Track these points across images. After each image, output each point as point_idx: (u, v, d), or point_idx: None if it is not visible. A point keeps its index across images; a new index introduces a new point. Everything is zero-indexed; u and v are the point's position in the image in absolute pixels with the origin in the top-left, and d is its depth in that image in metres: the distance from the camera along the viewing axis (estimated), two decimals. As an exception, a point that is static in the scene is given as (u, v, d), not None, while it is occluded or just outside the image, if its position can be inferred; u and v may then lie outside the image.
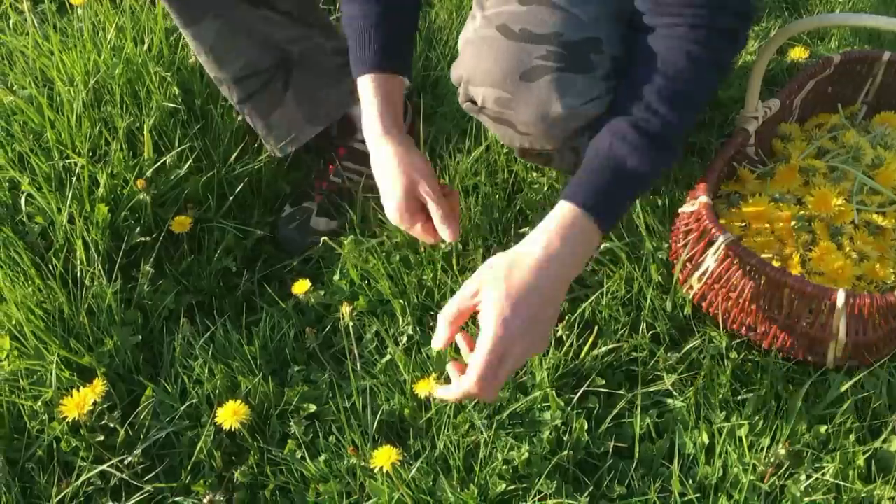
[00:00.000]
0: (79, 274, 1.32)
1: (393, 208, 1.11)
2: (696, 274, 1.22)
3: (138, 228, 1.38)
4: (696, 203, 1.20)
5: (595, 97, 1.04)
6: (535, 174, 1.48)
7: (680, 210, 1.28)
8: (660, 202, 1.39)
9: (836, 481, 1.08)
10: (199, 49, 1.35)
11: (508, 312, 0.92)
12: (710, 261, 1.19)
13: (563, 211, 0.97)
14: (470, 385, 0.92)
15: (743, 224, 1.26)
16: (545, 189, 1.44)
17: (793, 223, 1.23)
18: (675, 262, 1.28)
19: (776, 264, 1.18)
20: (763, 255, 1.19)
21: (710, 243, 1.18)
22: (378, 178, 1.13)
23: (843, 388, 1.14)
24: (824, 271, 1.18)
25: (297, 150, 1.48)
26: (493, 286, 0.94)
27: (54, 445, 1.17)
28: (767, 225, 1.24)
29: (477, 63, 1.07)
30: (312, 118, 1.44)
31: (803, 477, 1.09)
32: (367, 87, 1.14)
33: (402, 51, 1.17)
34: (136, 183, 1.38)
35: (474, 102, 1.12)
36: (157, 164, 1.43)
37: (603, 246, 1.33)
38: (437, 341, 0.98)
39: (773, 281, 1.12)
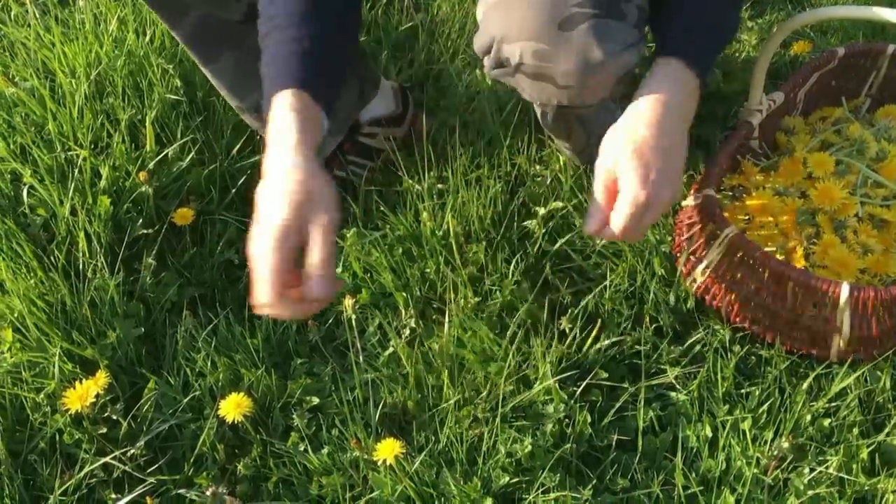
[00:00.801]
0: (81, 266, 1.31)
1: (269, 230, 0.89)
2: (700, 267, 1.21)
3: (140, 221, 1.37)
4: (700, 196, 1.20)
5: (631, 44, 1.04)
6: (537, 167, 1.47)
7: (683, 203, 1.28)
8: (663, 195, 1.39)
9: (840, 474, 1.08)
10: (220, 84, 1.33)
11: (643, 170, 0.95)
12: (713, 254, 1.19)
13: (669, 66, 1.00)
14: (615, 233, 0.96)
15: (746, 217, 1.26)
16: (548, 182, 1.44)
17: (796, 216, 1.23)
18: (678, 255, 1.27)
19: (780, 257, 1.17)
20: (766, 249, 1.19)
21: (714, 236, 1.18)
22: (265, 191, 0.92)
23: (847, 382, 1.14)
24: (828, 264, 1.18)
25: None
26: (623, 152, 0.95)
27: (57, 437, 1.17)
28: (771, 218, 1.24)
29: (511, 19, 1.04)
30: (333, 130, 1.43)
31: (807, 470, 1.08)
32: (288, 101, 0.97)
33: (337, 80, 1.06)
34: (139, 175, 1.38)
35: (505, 65, 1.09)
36: (159, 157, 1.43)
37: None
38: (592, 224, 0.98)
39: (776, 274, 1.12)
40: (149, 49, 1.56)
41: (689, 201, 1.25)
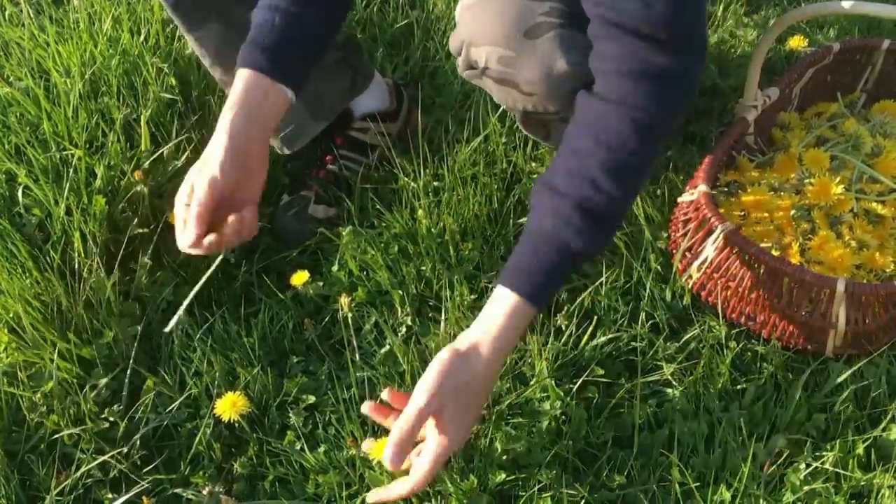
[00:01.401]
0: (76, 266, 1.31)
1: (208, 175, 1.02)
2: (696, 263, 1.22)
3: (136, 220, 1.37)
4: (695, 192, 1.20)
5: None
6: (533, 164, 1.47)
7: (679, 199, 1.28)
8: (659, 192, 1.39)
9: (836, 470, 1.08)
10: (203, 53, 1.33)
11: (466, 429, 0.97)
12: (709, 250, 1.19)
13: (508, 301, 0.96)
14: (415, 487, 0.94)
15: (742, 213, 1.26)
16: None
17: (792, 212, 1.23)
18: (674, 251, 1.27)
19: (775, 253, 1.17)
20: (762, 244, 1.19)
21: (710, 232, 1.18)
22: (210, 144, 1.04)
23: (843, 377, 1.14)
24: (823, 260, 1.18)
25: None
26: (455, 408, 0.94)
27: (54, 437, 1.16)
28: (766, 214, 1.24)
29: (479, 23, 1.05)
30: (317, 114, 1.43)
31: (803, 466, 1.09)
32: (249, 80, 1.05)
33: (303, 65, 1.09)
34: (134, 174, 1.37)
35: (474, 67, 1.10)
36: (154, 156, 1.42)
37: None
38: (393, 460, 0.92)
39: (772, 270, 1.12)
40: (143, 48, 1.56)
41: (685, 197, 1.25)
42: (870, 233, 1.21)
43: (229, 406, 1.13)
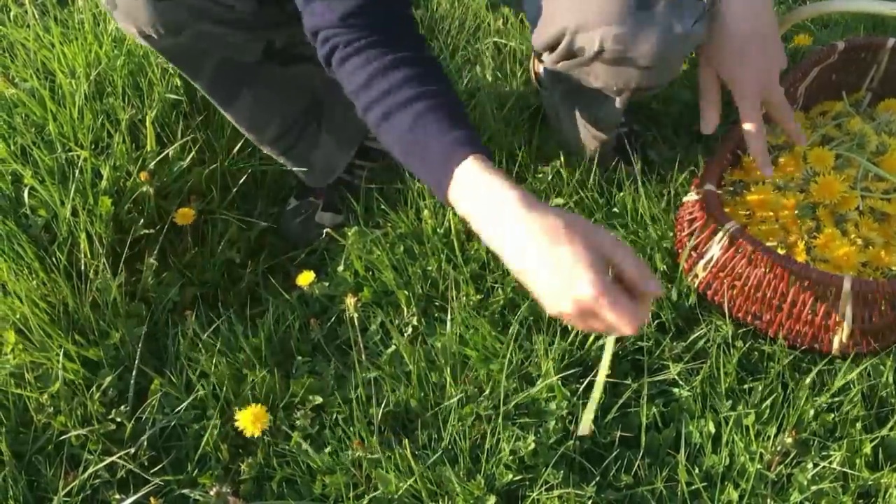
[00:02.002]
0: (83, 267, 1.31)
1: (588, 279, 0.81)
2: (701, 263, 1.21)
3: (142, 221, 1.37)
4: (701, 192, 1.20)
5: (700, 16, 1.05)
6: (539, 164, 1.47)
7: (684, 199, 1.28)
8: (664, 191, 1.39)
9: (843, 469, 1.08)
10: (239, 123, 1.34)
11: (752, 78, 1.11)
12: (714, 249, 1.19)
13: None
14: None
15: (747, 212, 1.26)
16: (549, 178, 1.43)
17: (797, 210, 1.23)
18: (679, 251, 1.27)
19: (781, 252, 1.17)
20: (768, 243, 1.19)
21: (715, 232, 1.17)
22: (538, 259, 0.83)
23: (850, 377, 1.14)
24: (829, 258, 1.18)
25: None
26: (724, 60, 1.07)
27: (61, 438, 1.17)
28: (771, 213, 1.24)
29: (586, 7, 1.02)
30: (345, 144, 1.44)
31: (810, 465, 1.08)
32: (475, 167, 0.89)
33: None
34: (139, 175, 1.38)
35: (577, 55, 1.06)
36: (159, 157, 1.42)
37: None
38: (709, 125, 1.13)
39: (778, 268, 1.12)
40: (148, 49, 1.55)
41: (691, 197, 1.25)
42: (875, 230, 1.21)
43: (251, 420, 1.13)
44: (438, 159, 0.90)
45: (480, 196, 0.87)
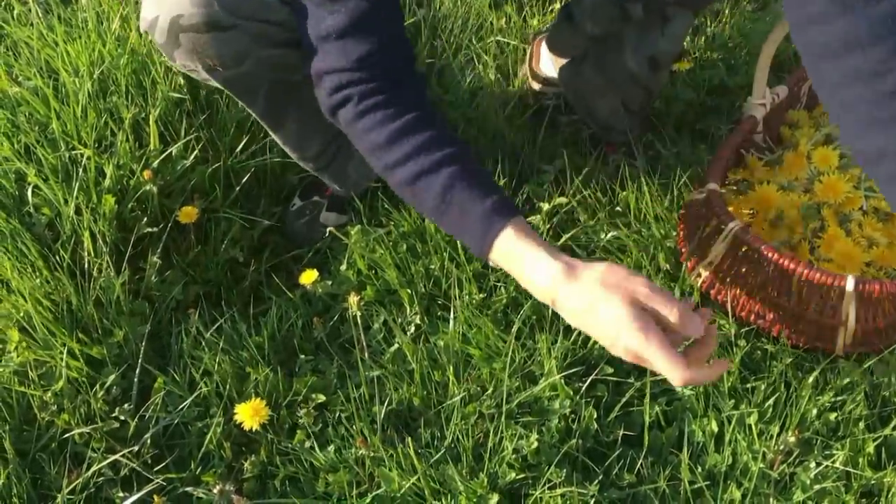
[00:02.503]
0: (86, 265, 1.31)
1: (630, 334, 0.86)
2: (705, 262, 1.21)
3: (145, 219, 1.37)
4: (705, 191, 1.20)
5: None
6: (542, 163, 1.47)
7: (688, 198, 1.28)
8: (667, 190, 1.39)
9: (846, 468, 1.08)
10: (285, 143, 1.34)
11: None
12: (718, 248, 1.19)
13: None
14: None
15: (751, 211, 1.26)
16: (552, 177, 1.44)
17: (801, 210, 1.23)
18: (683, 250, 1.27)
19: (785, 251, 1.17)
20: (772, 243, 1.19)
21: (718, 231, 1.17)
22: (587, 317, 0.90)
23: (853, 376, 1.14)
24: (833, 258, 1.17)
25: None
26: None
27: (65, 436, 1.17)
28: (776, 212, 1.24)
29: None
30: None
31: (813, 464, 1.08)
32: (512, 238, 0.94)
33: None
34: (143, 174, 1.38)
35: None
36: (163, 155, 1.43)
37: (611, 234, 1.33)
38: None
39: (782, 268, 1.12)
40: (152, 47, 1.56)
41: (695, 196, 1.25)
42: (879, 230, 1.21)
43: (250, 414, 1.13)
44: (477, 228, 0.95)
45: (522, 267, 0.94)
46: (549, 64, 1.57)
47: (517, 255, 0.94)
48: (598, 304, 0.88)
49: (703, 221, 1.21)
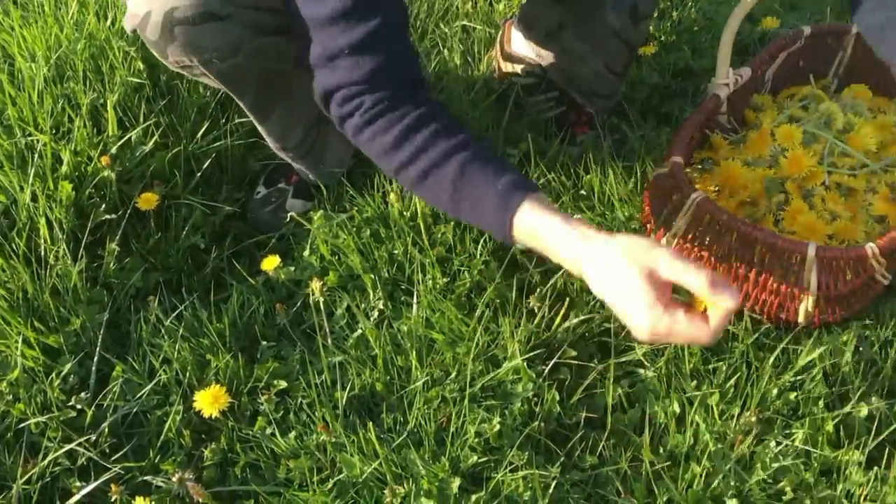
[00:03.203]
0: (43, 253, 1.29)
1: (644, 313, 0.86)
2: (668, 234, 1.20)
3: (103, 206, 1.35)
4: (668, 164, 1.19)
5: None
6: (507, 147, 1.46)
7: (653, 174, 1.27)
8: (632, 172, 1.38)
9: (806, 447, 1.08)
10: (269, 133, 1.33)
11: None
12: (681, 220, 1.17)
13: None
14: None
15: (716, 188, 1.25)
16: (516, 161, 1.43)
17: (765, 184, 1.22)
18: (647, 224, 1.27)
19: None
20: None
21: (682, 203, 1.16)
22: (608, 290, 0.89)
23: (813, 356, 1.14)
24: (796, 230, 1.17)
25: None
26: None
27: (20, 426, 1.15)
28: (740, 187, 1.23)
29: None
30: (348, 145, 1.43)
31: (773, 443, 1.09)
32: (533, 209, 0.93)
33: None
34: (101, 160, 1.35)
35: None
36: (121, 141, 1.40)
37: (575, 216, 1.32)
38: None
39: (744, 236, 1.12)
40: (110, 32, 1.53)
41: (658, 170, 1.24)
42: (841, 204, 1.21)
43: (210, 401, 1.11)
44: (495, 206, 0.94)
45: (546, 242, 0.93)
46: (521, 44, 1.56)
47: (540, 230, 0.93)
48: (618, 273, 0.87)
49: (667, 195, 1.20)
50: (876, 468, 1.06)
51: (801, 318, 1.17)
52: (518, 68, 1.56)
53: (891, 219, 1.20)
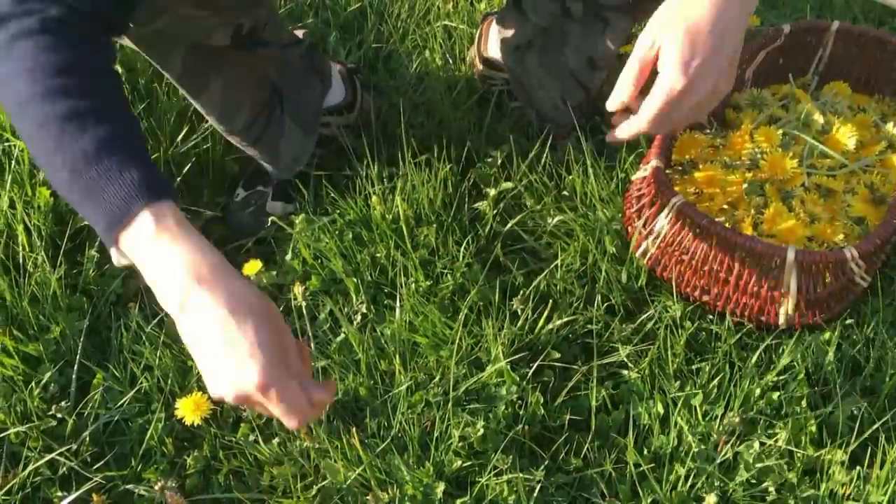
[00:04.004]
0: (21, 260, 1.28)
1: (260, 373, 0.74)
2: (650, 238, 1.22)
3: (82, 212, 1.34)
4: (648, 168, 1.20)
5: None
6: (488, 148, 1.46)
7: (633, 176, 1.28)
8: (613, 174, 1.38)
9: (789, 447, 1.09)
10: (209, 112, 1.29)
11: (687, 54, 0.88)
12: (662, 223, 1.19)
13: None
14: (642, 124, 0.92)
15: (696, 191, 1.26)
16: (499, 163, 1.43)
17: (744, 185, 1.23)
18: (629, 228, 1.27)
19: (728, 226, 1.18)
20: (716, 220, 1.19)
21: (663, 207, 1.18)
22: (215, 340, 0.75)
23: (795, 355, 1.15)
24: (776, 233, 1.18)
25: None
26: (669, 29, 0.89)
27: (0, 436, 1.14)
28: (719, 190, 1.24)
29: None
30: (307, 130, 1.41)
31: (756, 444, 1.09)
32: (154, 220, 0.77)
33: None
34: (79, 165, 1.34)
35: None
36: (100, 146, 1.39)
37: (557, 218, 1.32)
38: (616, 99, 0.94)
39: (724, 240, 1.13)
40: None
41: (638, 174, 1.25)
42: (821, 206, 1.22)
43: (192, 408, 1.10)
44: (115, 201, 0.76)
45: (161, 255, 0.77)
46: (496, 47, 1.56)
47: (151, 245, 0.77)
48: (233, 325, 0.74)
49: (647, 198, 1.21)
50: (859, 467, 1.06)
51: (781, 321, 1.18)
52: (491, 72, 1.55)
53: (869, 220, 1.21)
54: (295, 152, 1.40)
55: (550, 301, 1.24)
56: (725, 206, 1.23)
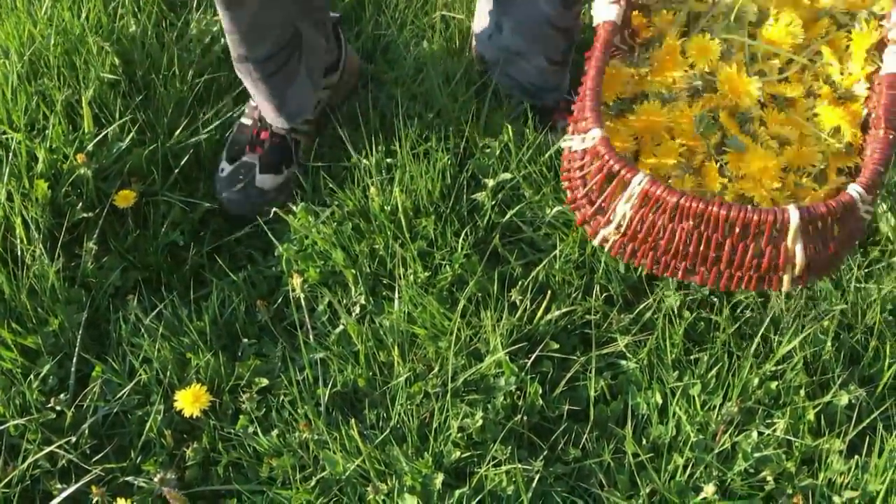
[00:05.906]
0: (19, 253, 1.28)
1: None
2: (611, 227, 0.98)
3: (80, 204, 1.34)
4: (586, 139, 0.96)
5: None
6: (486, 138, 1.46)
7: (565, 145, 1.03)
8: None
9: (787, 437, 1.09)
10: (232, 29, 1.26)
11: None
12: (623, 208, 0.95)
13: None
14: None
15: (636, 137, 1.05)
16: (497, 153, 1.42)
17: (695, 122, 1.02)
18: (574, 211, 1.04)
19: (689, 180, 0.99)
20: (672, 174, 1.01)
21: (622, 187, 0.94)
22: None
23: (793, 344, 1.15)
24: (746, 173, 1.01)
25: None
26: None
27: (-1, 429, 1.14)
28: (666, 135, 1.03)
29: None
30: (315, 84, 1.40)
31: (755, 434, 1.09)
32: None
33: None
34: (77, 157, 1.34)
35: None
36: (97, 138, 1.39)
37: (556, 209, 1.32)
38: None
39: (709, 218, 0.92)
40: (84, 27, 1.51)
41: (575, 144, 1.00)
42: (784, 123, 1.05)
43: (191, 400, 1.11)
44: None
45: None
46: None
47: None
48: None
49: (598, 177, 0.97)
50: (857, 456, 1.07)
51: (785, 287, 0.99)
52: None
53: (844, 130, 1.02)
54: (301, 101, 1.39)
55: (549, 292, 1.23)
56: (676, 150, 1.02)
